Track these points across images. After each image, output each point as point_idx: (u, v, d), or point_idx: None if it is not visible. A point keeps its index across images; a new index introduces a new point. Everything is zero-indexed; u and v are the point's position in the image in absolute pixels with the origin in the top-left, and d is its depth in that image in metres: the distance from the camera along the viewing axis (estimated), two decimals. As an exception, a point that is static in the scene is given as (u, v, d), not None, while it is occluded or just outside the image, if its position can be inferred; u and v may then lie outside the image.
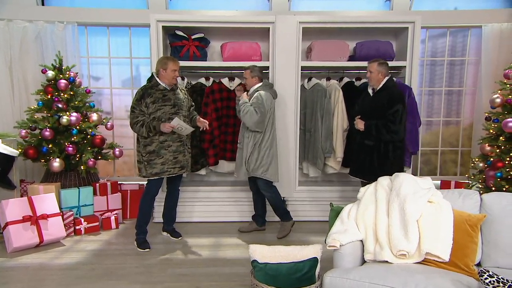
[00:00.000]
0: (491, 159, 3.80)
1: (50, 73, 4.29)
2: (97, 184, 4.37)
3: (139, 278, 3.10)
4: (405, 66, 4.31)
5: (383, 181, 2.70)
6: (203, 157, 4.47)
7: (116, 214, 4.31)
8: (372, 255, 2.43)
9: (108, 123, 4.60)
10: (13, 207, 3.62)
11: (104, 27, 5.00)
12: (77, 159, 4.34)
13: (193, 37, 4.33)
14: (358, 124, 3.64)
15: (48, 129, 4.15)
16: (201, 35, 4.39)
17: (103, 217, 4.24)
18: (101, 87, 5.19)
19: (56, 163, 4.13)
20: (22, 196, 4.12)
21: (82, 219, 4.09)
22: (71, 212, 4.07)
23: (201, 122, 3.69)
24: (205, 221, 4.42)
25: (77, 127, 4.29)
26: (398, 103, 3.46)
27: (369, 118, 3.58)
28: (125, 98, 5.22)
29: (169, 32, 4.38)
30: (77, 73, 4.58)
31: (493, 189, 3.65)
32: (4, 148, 3.78)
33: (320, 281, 2.39)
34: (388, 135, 3.46)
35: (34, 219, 3.65)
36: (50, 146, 4.20)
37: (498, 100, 3.86)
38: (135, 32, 5.06)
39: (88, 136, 4.41)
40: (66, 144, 4.22)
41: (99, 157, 4.50)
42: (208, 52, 4.56)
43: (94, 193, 4.34)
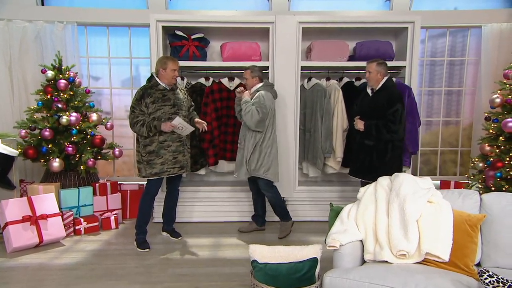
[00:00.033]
0: (491, 159, 3.80)
1: (50, 73, 4.29)
2: (97, 184, 4.37)
3: (139, 278, 3.10)
4: (405, 66, 4.31)
5: (383, 181, 2.70)
6: (203, 157, 4.47)
7: (116, 214, 4.30)
8: (372, 255, 2.43)
9: (108, 123, 4.60)
10: (13, 207, 3.62)
11: (104, 27, 4.99)
12: (77, 159, 4.34)
13: (193, 37, 4.34)
14: (358, 124, 3.65)
15: (48, 129, 4.15)
16: (201, 35, 4.39)
17: (103, 217, 4.24)
18: (101, 87, 5.19)
19: (56, 163, 4.13)
20: (22, 196, 4.12)
21: (82, 219, 4.09)
22: (71, 212, 4.07)
23: (200, 124, 3.68)
24: (205, 221, 4.42)
25: (77, 127, 4.29)
26: (398, 103, 3.47)
27: (369, 118, 3.58)
28: (125, 98, 5.22)
29: (169, 32, 4.38)
30: (77, 73, 4.58)
31: (493, 189, 3.65)
32: (4, 148, 3.78)
33: (320, 281, 2.39)
34: (388, 135, 3.47)
35: (34, 219, 3.65)
36: (50, 146, 4.20)
37: (498, 100, 3.86)
38: (135, 32, 5.05)
39: (88, 136, 4.41)
40: (66, 144, 4.22)
41: (99, 157, 4.50)
42: (208, 52, 4.56)
43: (94, 193, 4.34)
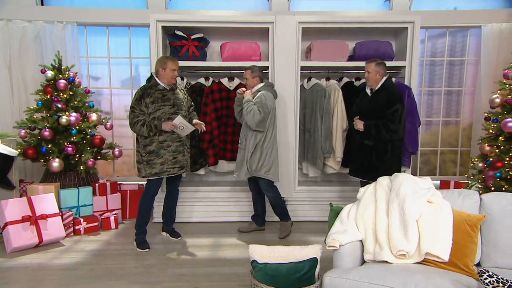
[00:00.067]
0: (491, 159, 3.80)
1: (50, 73, 4.29)
2: (97, 184, 4.37)
3: (139, 278, 3.10)
4: (405, 66, 4.31)
5: (383, 181, 2.70)
6: (202, 157, 4.47)
7: (116, 214, 4.30)
8: (372, 255, 2.43)
9: (108, 123, 4.60)
10: (13, 207, 3.62)
11: (104, 27, 4.99)
12: (77, 159, 4.34)
13: (193, 37, 4.33)
14: (358, 125, 3.65)
15: (48, 129, 4.15)
16: (201, 35, 4.39)
17: (103, 217, 4.24)
18: (101, 87, 5.18)
19: (56, 163, 4.13)
20: (22, 196, 4.11)
21: (82, 219, 4.09)
22: (71, 212, 4.07)
23: (198, 125, 3.68)
24: (205, 221, 4.42)
25: (77, 127, 4.29)
26: (397, 103, 3.47)
27: (368, 118, 3.59)
28: (125, 98, 5.22)
29: (169, 32, 4.38)
30: (77, 73, 4.58)
31: (493, 189, 3.66)
32: (4, 148, 3.78)
33: (320, 281, 2.39)
34: (388, 135, 3.47)
35: (34, 219, 3.65)
36: (50, 146, 4.20)
37: (498, 100, 3.86)
38: (135, 32, 5.05)
39: (88, 136, 4.41)
40: (66, 144, 4.22)
41: (99, 157, 4.50)
42: (208, 52, 4.56)
43: (94, 193, 4.34)
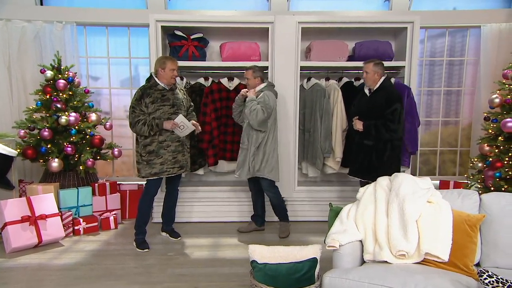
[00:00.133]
0: (490, 159, 3.80)
1: (49, 73, 4.29)
2: (96, 184, 4.37)
3: (138, 279, 3.10)
4: (404, 66, 4.32)
5: (382, 181, 2.70)
6: (201, 157, 4.46)
7: (115, 214, 4.30)
8: (372, 255, 2.43)
9: (107, 123, 4.60)
10: (12, 207, 3.61)
11: (103, 27, 4.98)
12: (76, 159, 4.33)
13: (192, 37, 4.33)
14: (357, 125, 3.65)
15: (47, 129, 4.15)
16: (200, 35, 4.39)
17: (102, 217, 4.24)
18: (100, 87, 5.18)
19: (55, 163, 4.13)
20: (21, 196, 4.11)
21: (81, 219, 4.09)
22: (70, 212, 4.06)
23: (195, 126, 3.67)
24: (204, 221, 4.42)
25: (76, 127, 4.28)
26: (396, 102, 3.48)
27: (367, 118, 3.59)
28: (124, 98, 5.21)
29: (168, 32, 4.38)
30: (76, 73, 4.58)
31: (492, 189, 3.66)
32: (3, 148, 3.77)
33: (320, 282, 2.39)
34: (388, 134, 3.47)
35: (33, 220, 3.64)
36: (49, 146, 4.19)
37: (497, 100, 3.87)
38: (134, 32, 5.04)
39: (87, 136, 4.41)
40: (65, 144, 4.22)
41: (98, 157, 4.49)
42: (207, 52, 4.56)
43: (93, 193, 4.33)
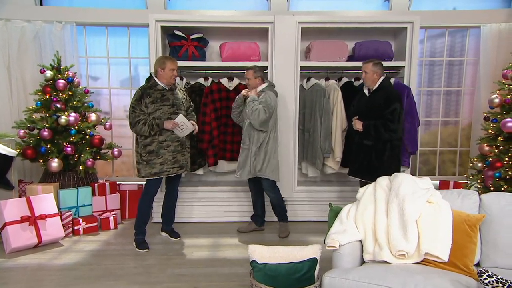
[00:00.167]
0: (490, 159, 3.81)
1: (49, 73, 4.29)
2: (96, 184, 4.36)
3: (138, 279, 3.09)
4: (404, 66, 4.32)
5: (382, 181, 2.70)
6: (201, 157, 4.46)
7: (115, 215, 4.30)
8: (371, 256, 2.43)
9: (107, 123, 4.60)
10: (12, 208, 3.61)
11: (103, 27, 4.98)
12: (76, 159, 4.33)
13: (192, 37, 4.33)
14: (356, 125, 3.65)
15: (47, 129, 4.15)
16: (200, 35, 4.39)
17: (102, 218, 4.24)
18: (100, 87, 5.17)
19: (55, 163, 4.13)
20: (21, 197, 4.11)
21: (81, 220, 4.09)
22: (70, 213, 4.06)
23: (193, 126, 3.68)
24: (204, 221, 4.42)
25: (76, 127, 4.28)
26: (396, 102, 3.48)
27: (366, 119, 3.59)
28: (124, 98, 5.21)
29: (168, 32, 4.38)
30: (76, 73, 4.58)
31: (492, 189, 3.66)
32: (3, 149, 3.77)
33: (319, 282, 2.39)
34: (387, 134, 3.47)
35: (33, 220, 3.64)
36: (49, 146, 4.19)
37: (497, 100, 3.87)
38: (134, 32, 5.04)
39: (87, 136, 4.41)
40: (65, 144, 4.21)
41: (98, 157, 4.49)
42: (207, 52, 4.56)
43: (93, 193, 4.33)
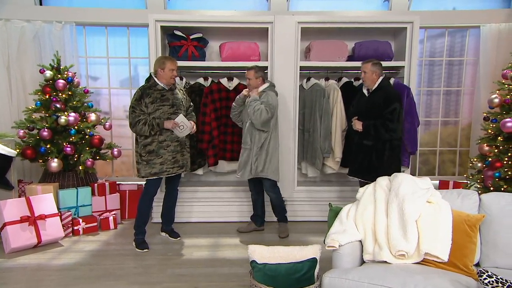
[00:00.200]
0: (490, 159, 3.81)
1: (48, 73, 4.29)
2: (96, 185, 4.36)
3: (138, 279, 3.09)
4: (404, 66, 4.32)
5: (382, 182, 2.70)
6: (201, 157, 4.46)
7: (115, 215, 4.30)
8: (371, 256, 2.43)
9: (107, 123, 4.59)
10: (11, 208, 3.61)
11: (103, 27, 4.98)
12: (75, 159, 4.33)
13: (192, 37, 4.33)
14: (356, 125, 3.65)
15: (46, 129, 4.14)
16: (200, 35, 4.39)
17: (102, 218, 4.23)
18: (100, 87, 5.17)
19: (54, 163, 4.12)
20: (20, 197, 4.11)
21: (81, 220, 4.08)
22: (69, 213, 4.06)
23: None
24: (204, 221, 4.42)
25: (75, 127, 4.28)
26: (395, 102, 3.48)
27: (365, 119, 3.59)
28: (124, 98, 5.21)
29: (168, 32, 4.38)
30: (75, 73, 4.57)
31: (492, 189, 3.66)
32: (2, 149, 3.77)
33: (319, 282, 2.39)
34: (387, 134, 3.47)
35: (32, 220, 3.64)
36: (48, 146, 4.19)
37: (496, 100, 3.87)
38: (134, 32, 5.04)
39: (87, 136, 4.40)
40: (64, 144, 4.21)
41: (97, 157, 4.49)
42: (207, 52, 4.56)
43: (93, 194, 4.33)
